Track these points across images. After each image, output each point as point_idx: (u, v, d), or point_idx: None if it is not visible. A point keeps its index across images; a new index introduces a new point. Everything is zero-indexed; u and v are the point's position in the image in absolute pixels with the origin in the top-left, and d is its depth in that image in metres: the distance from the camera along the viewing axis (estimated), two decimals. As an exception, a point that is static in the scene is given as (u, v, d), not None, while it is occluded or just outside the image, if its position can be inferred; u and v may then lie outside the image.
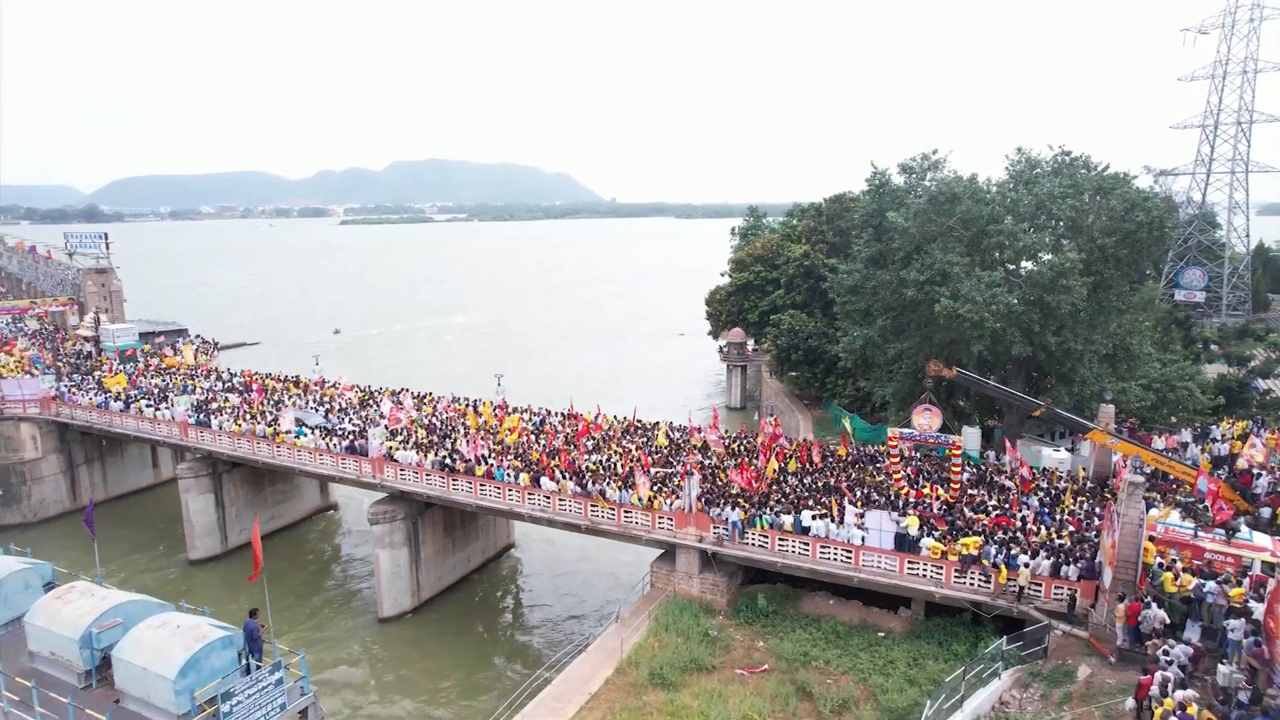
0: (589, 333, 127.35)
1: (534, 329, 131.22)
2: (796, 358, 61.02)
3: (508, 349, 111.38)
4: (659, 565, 34.02)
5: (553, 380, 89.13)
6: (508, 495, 36.82)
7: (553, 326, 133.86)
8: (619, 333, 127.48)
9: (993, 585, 27.27)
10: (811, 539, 30.10)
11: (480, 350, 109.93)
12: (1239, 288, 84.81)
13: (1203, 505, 27.27)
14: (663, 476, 35.70)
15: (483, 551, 46.31)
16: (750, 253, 78.67)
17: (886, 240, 41.83)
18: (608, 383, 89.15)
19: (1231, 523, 25.08)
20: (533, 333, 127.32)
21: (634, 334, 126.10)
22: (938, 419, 32.40)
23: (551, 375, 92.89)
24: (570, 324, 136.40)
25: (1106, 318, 38.76)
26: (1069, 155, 39.82)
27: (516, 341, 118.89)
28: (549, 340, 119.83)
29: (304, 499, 52.99)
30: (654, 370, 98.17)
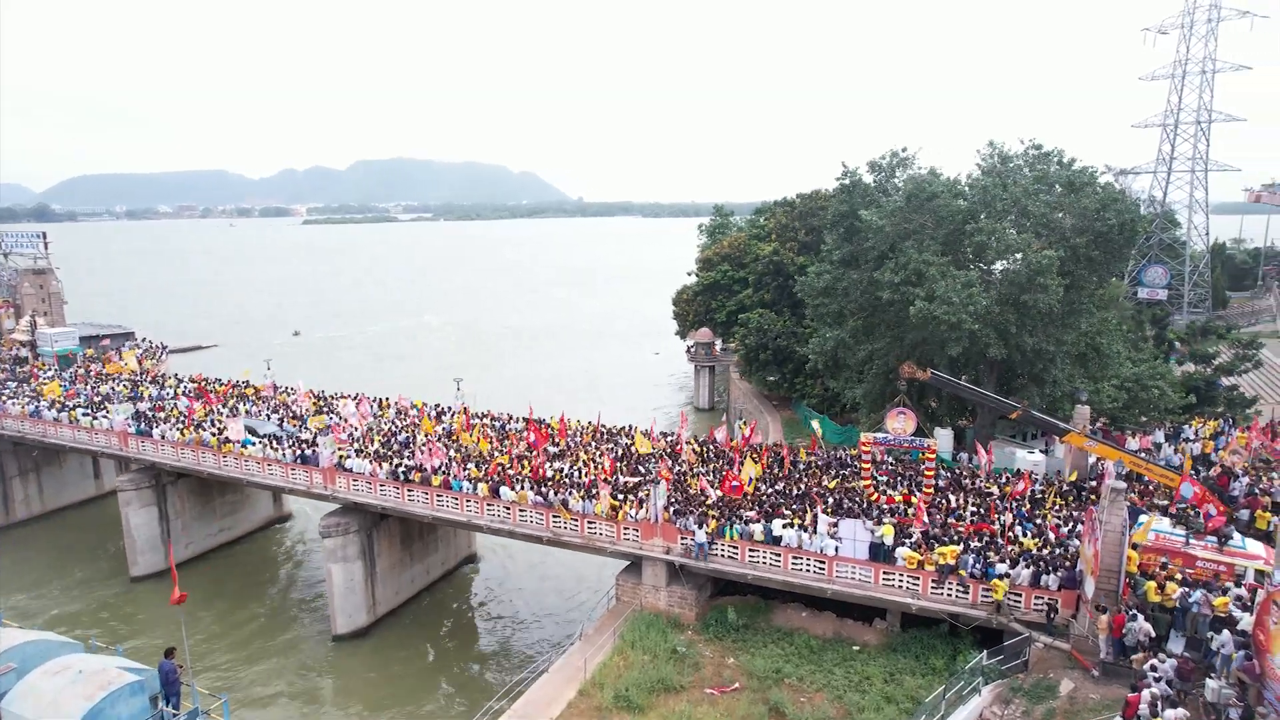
0: (557, 334, 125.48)
1: (501, 330, 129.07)
2: (765, 357, 59.96)
3: (474, 351, 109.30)
4: (625, 578, 32.58)
5: (520, 383, 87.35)
6: (465, 506, 35.12)
7: (520, 327, 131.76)
8: (587, 333, 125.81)
9: (971, 596, 26.25)
10: (783, 549, 28.87)
11: (446, 352, 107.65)
12: (1199, 285, 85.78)
13: (1194, 511, 26.50)
14: (631, 485, 34.22)
15: (443, 563, 44.49)
16: (717, 251, 77.55)
17: (858, 240, 40.81)
18: (575, 385, 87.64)
19: (1224, 530, 24.28)
20: (500, 334, 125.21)
21: (603, 334, 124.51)
22: (912, 422, 31.38)
23: (518, 377, 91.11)
24: (538, 325, 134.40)
25: (1077, 317, 38.11)
26: (1040, 149, 39.12)
27: (483, 343, 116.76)
28: (516, 341, 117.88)
29: (256, 510, 50.71)
30: (622, 372, 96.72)
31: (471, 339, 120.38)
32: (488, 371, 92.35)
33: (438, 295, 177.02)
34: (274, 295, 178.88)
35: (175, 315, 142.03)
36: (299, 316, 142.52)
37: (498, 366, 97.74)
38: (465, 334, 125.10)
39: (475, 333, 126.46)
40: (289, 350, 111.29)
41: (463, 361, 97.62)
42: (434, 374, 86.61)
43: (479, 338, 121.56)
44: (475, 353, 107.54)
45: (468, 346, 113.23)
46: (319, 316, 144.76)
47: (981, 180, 37.09)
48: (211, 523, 47.26)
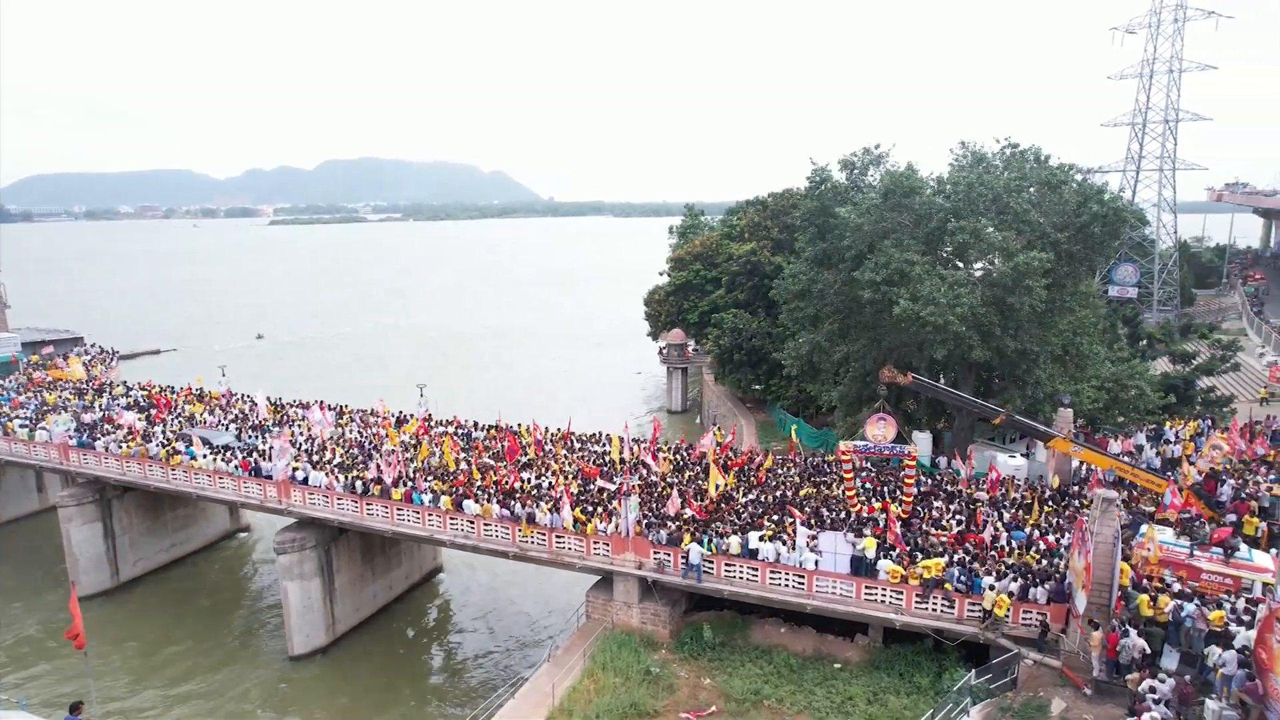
0: (529, 336, 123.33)
1: (473, 332, 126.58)
2: (739, 359, 58.76)
3: (445, 354, 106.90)
4: (595, 594, 31.10)
5: (492, 386, 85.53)
6: (427, 520, 33.43)
7: (492, 329, 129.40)
8: (560, 335, 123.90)
9: (957, 611, 25.14)
10: (760, 563, 27.57)
11: (416, 355, 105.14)
12: (1168, 283, 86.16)
13: (1198, 522, 25.60)
14: (602, 497, 32.71)
15: (406, 578, 42.68)
16: (689, 251, 76.30)
17: (832, 239, 39.66)
18: (548, 388, 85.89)
19: (1230, 541, 23.38)
20: (472, 336, 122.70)
21: (577, 336, 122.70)
22: (892, 429, 30.24)
23: (490, 381, 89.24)
24: (510, 326, 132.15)
25: (1056, 317, 37.32)
26: (1016, 147, 38.24)
27: (454, 346, 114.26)
28: (488, 344, 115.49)
29: (211, 523, 48.46)
30: (594, 374, 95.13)
31: (442, 341, 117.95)
32: (459, 375, 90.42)
33: (407, 297, 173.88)
34: (237, 297, 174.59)
35: (131, 319, 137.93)
36: (263, 319, 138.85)
37: (468, 370, 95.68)
38: (435, 336, 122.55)
39: (445, 335, 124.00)
40: (251, 354, 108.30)
41: (432, 365, 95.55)
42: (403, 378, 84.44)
43: (449, 340, 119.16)
44: (446, 356, 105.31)
45: (438, 349, 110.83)
46: (284, 319, 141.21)
47: (964, 176, 36.07)
48: (162, 538, 44.98)
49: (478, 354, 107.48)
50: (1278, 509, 28.35)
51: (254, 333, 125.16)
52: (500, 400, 73.69)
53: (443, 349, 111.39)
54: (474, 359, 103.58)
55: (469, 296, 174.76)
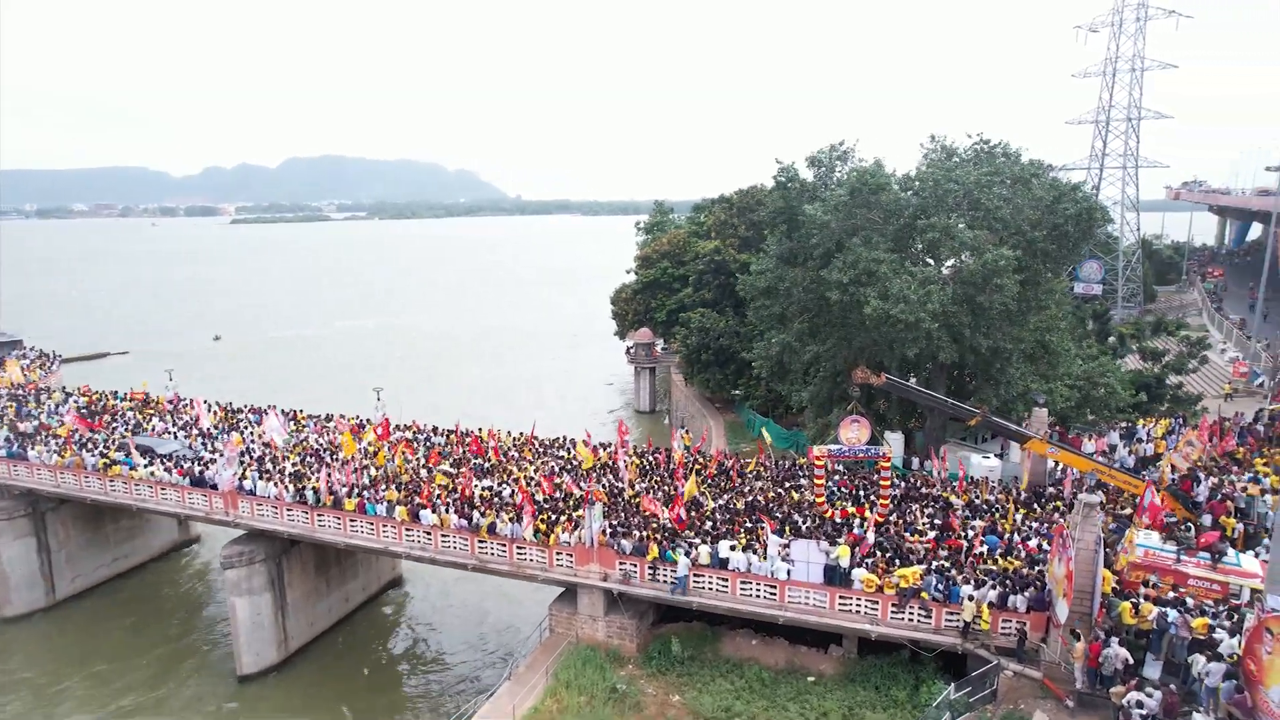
0: (493, 337, 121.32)
1: (438, 333, 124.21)
2: (707, 358, 57.72)
3: (411, 356, 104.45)
4: (559, 607, 29.74)
5: (459, 389, 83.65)
6: (382, 532, 31.82)
7: (459, 330, 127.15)
8: (524, 335, 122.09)
9: (934, 621, 24.22)
10: (730, 574, 26.43)
11: (378, 357, 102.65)
12: (1131, 280, 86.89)
13: (1184, 526, 24.91)
14: (566, 505, 31.37)
15: (364, 589, 40.96)
16: (656, 249, 75.14)
17: (800, 238, 38.72)
18: (510, 390, 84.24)
19: (1218, 545, 22.68)
20: (437, 337, 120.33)
21: (541, 336, 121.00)
22: (866, 430, 29.29)
23: (457, 384, 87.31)
24: (474, 328, 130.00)
25: (1028, 315, 36.74)
26: (987, 143, 37.59)
27: (419, 347, 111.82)
28: (454, 345, 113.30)
29: (158, 534, 46.21)
30: (560, 375, 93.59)
31: (407, 343, 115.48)
32: (422, 377, 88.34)
33: (371, 297, 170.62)
34: (195, 298, 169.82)
35: (81, 321, 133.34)
36: (221, 320, 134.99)
37: (434, 372, 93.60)
38: (401, 338, 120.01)
39: (411, 336, 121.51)
40: (208, 357, 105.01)
41: (395, 367, 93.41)
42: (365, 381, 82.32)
43: (415, 342, 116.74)
44: (411, 358, 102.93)
45: (402, 351, 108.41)
46: (244, 320, 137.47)
47: (931, 173, 35.29)
48: (103, 552, 42.73)
49: (443, 355, 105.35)
50: (1254, 509, 27.91)
51: (212, 334, 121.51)
52: (465, 403, 72.16)
53: (407, 350, 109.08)
54: (439, 360, 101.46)
55: (436, 296, 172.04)
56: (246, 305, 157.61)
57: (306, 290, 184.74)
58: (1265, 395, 51.05)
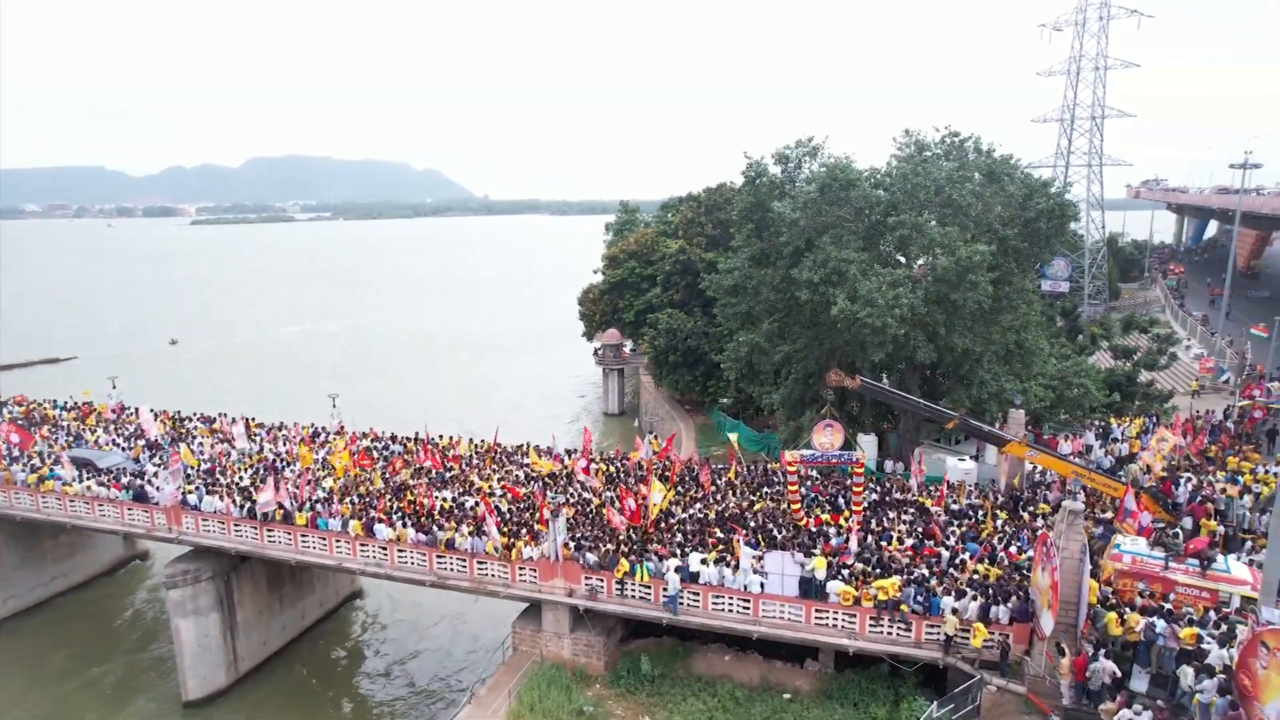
0: (458, 339, 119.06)
1: (403, 336, 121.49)
2: (675, 360, 56.57)
3: (375, 360, 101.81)
4: (522, 624, 28.37)
5: (422, 394, 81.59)
6: (335, 547, 30.17)
7: (425, 333, 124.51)
8: (491, 338, 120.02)
9: (914, 634, 23.24)
10: (702, 588, 25.23)
11: (341, 362, 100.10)
12: (1097, 278, 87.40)
13: (1172, 532, 24.17)
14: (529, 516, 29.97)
15: (320, 605, 39.14)
16: (624, 249, 73.84)
17: (769, 236, 37.70)
18: (476, 394, 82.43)
19: (1207, 552, 21.93)
20: (402, 341, 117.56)
21: (508, 339, 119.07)
22: (840, 435, 28.27)
23: (416, 389, 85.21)
24: (441, 330, 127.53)
25: (1001, 314, 36.08)
26: (957, 136, 36.84)
27: (384, 351, 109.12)
28: (421, 349, 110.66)
29: (102, 551, 43.86)
30: (527, 379, 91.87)
31: (372, 347, 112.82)
32: (389, 383, 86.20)
33: (335, 300, 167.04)
34: (152, 300, 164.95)
35: (28, 323, 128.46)
36: (179, 323, 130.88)
37: (398, 377, 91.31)
38: (364, 342, 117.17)
39: (374, 340, 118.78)
40: (163, 362, 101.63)
41: (360, 372, 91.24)
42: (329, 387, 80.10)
43: (379, 345, 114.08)
44: (375, 362, 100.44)
45: (367, 356, 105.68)
46: (203, 323, 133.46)
47: (901, 168, 34.45)
48: (40, 570, 40.38)
49: (407, 359, 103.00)
50: (1233, 510, 27.40)
51: (168, 338, 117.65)
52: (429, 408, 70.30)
53: (370, 354, 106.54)
54: (403, 365, 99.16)
55: (399, 299, 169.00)
56: (205, 308, 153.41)
57: (268, 293, 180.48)
58: (1232, 392, 51.17)
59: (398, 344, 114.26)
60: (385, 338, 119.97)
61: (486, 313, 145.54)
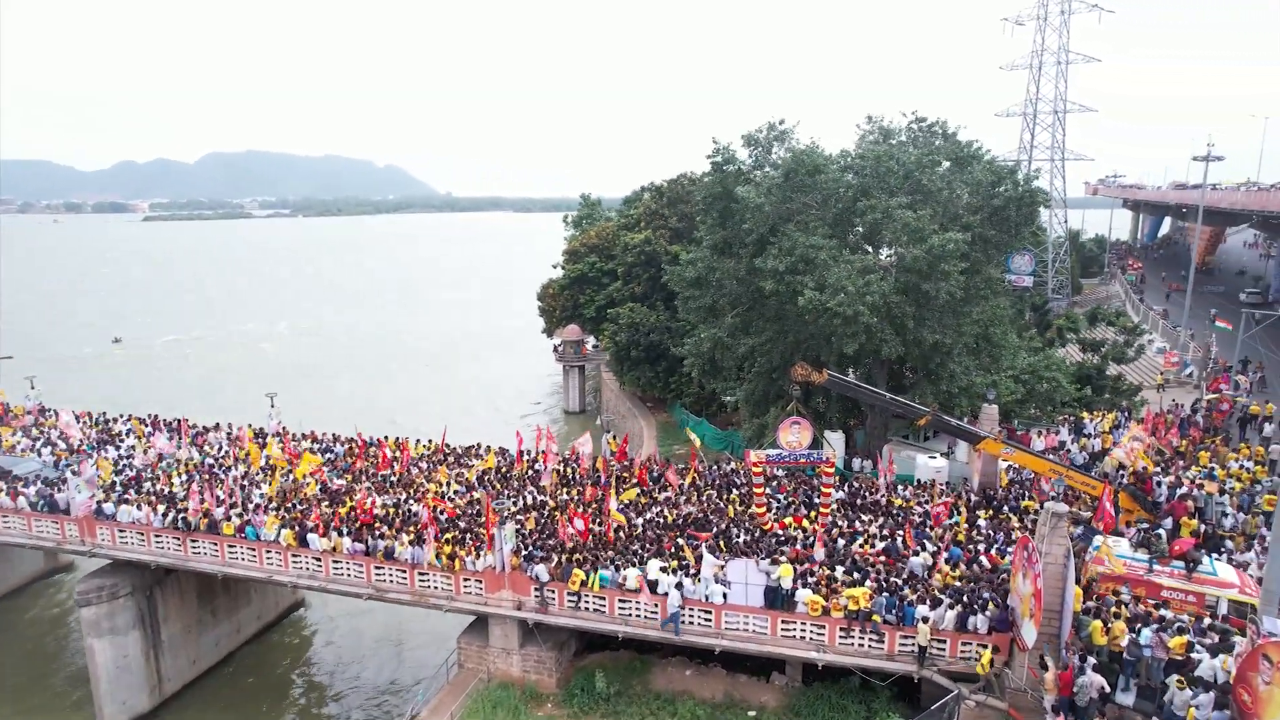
0: (418, 337, 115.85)
1: (356, 335, 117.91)
2: (637, 355, 54.75)
3: (329, 361, 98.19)
4: (469, 639, 26.38)
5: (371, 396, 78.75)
6: (265, 559, 27.84)
7: (379, 331, 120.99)
8: (450, 335, 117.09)
9: (887, 645, 21.69)
10: (661, 598, 23.44)
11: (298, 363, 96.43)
12: (1060, 272, 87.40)
13: (1156, 533, 22.87)
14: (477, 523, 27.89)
15: (258, 617, 36.66)
16: (584, 242, 71.75)
17: (734, 224, 36.04)
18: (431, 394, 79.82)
19: (1192, 554, 20.65)
20: (360, 341, 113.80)
21: (466, 337, 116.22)
22: (808, 433, 26.61)
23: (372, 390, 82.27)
24: (399, 328, 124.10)
25: (971, 305, 34.85)
26: (924, 121, 35.48)
27: (339, 352, 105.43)
28: (378, 349, 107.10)
29: (19, 563, 40.74)
30: (487, 376, 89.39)
31: (326, 346, 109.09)
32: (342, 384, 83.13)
33: (293, 297, 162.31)
34: (97, 298, 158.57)
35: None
36: (123, 322, 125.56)
37: (353, 377, 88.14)
38: (321, 341, 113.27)
39: (331, 339, 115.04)
40: (105, 362, 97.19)
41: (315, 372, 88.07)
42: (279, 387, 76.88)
43: (334, 344, 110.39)
44: (329, 362, 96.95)
45: (323, 355, 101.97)
46: (150, 322, 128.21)
47: (872, 150, 32.99)
48: (-51, 586, 37.35)
49: (363, 358, 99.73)
50: (1210, 508, 26.34)
51: (111, 337, 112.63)
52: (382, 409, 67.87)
53: (324, 353, 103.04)
54: (358, 364, 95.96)
55: (358, 296, 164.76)
56: (153, 306, 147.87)
57: (220, 291, 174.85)
58: (1195, 385, 50.85)
59: (354, 343, 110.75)
60: (342, 337, 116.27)
61: (446, 310, 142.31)
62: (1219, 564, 20.60)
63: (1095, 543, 21.87)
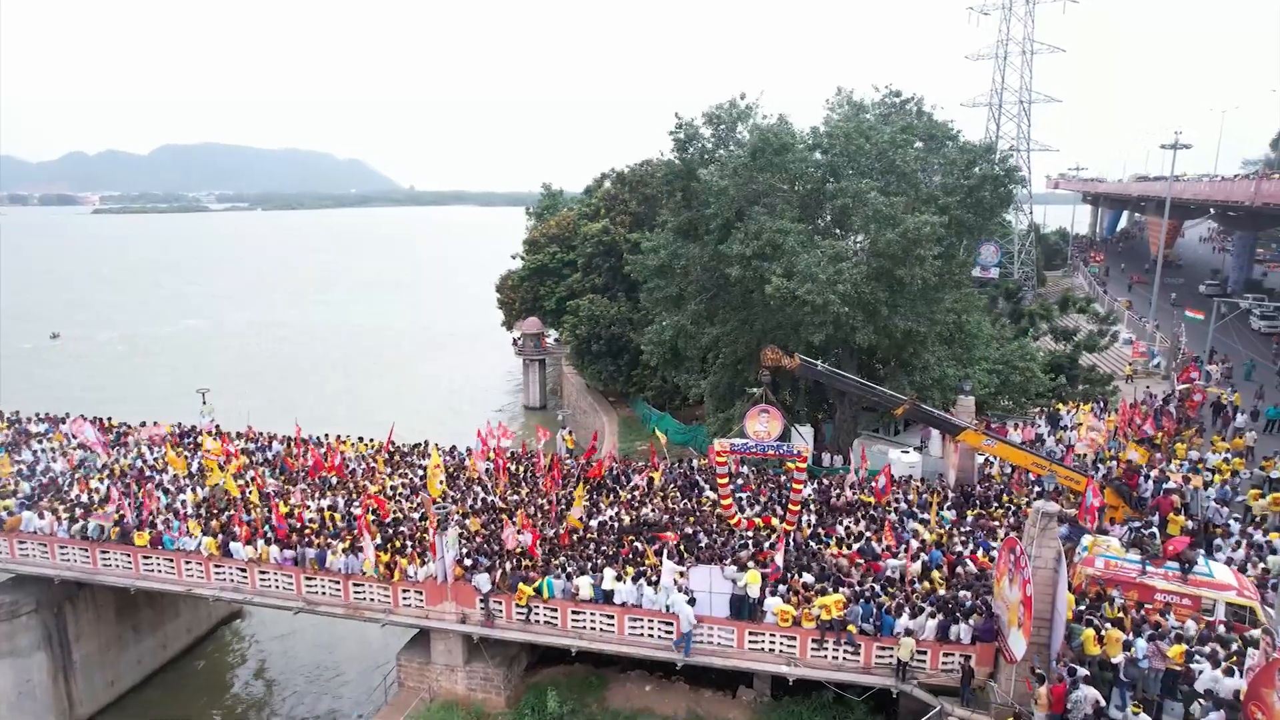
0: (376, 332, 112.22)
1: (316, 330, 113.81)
2: (598, 349, 52.68)
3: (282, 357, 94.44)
4: (409, 655, 24.18)
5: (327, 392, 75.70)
6: (183, 570, 25.32)
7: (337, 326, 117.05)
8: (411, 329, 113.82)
9: (863, 658, 19.96)
10: (617, 609, 21.47)
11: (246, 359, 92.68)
12: (1025, 264, 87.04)
13: (1149, 532, 21.40)
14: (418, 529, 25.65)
15: (188, 631, 33.94)
16: (544, 232, 69.45)
17: (698, 207, 34.11)
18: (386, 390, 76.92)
19: (1187, 554, 19.17)
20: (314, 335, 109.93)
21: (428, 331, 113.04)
22: (778, 422, 24.78)
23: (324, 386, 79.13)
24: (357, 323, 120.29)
25: (945, 293, 33.37)
26: (899, 97, 33.80)
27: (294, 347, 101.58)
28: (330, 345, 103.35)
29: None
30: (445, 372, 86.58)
31: (279, 341, 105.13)
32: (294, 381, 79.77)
33: (246, 290, 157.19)
34: (39, 292, 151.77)
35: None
36: (63, 316, 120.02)
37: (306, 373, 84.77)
38: (274, 337, 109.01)
39: (284, 334, 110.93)
40: (42, 358, 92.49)
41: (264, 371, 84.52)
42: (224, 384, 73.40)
43: (288, 340, 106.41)
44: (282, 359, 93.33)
45: (275, 352, 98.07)
46: (93, 317, 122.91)
47: (841, 127, 31.23)
48: None
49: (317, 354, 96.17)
50: (1196, 503, 25.09)
51: (49, 331, 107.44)
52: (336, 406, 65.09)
53: (275, 349, 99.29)
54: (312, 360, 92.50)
55: (317, 290, 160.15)
56: (97, 300, 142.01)
57: (171, 285, 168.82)
58: (1164, 376, 50.31)
59: (308, 339, 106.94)
60: (296, 332, 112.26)
61: (405, 305, 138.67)
62: (1215, 565, 19.17)
63: (1084, 543, 20.34)
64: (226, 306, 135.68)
